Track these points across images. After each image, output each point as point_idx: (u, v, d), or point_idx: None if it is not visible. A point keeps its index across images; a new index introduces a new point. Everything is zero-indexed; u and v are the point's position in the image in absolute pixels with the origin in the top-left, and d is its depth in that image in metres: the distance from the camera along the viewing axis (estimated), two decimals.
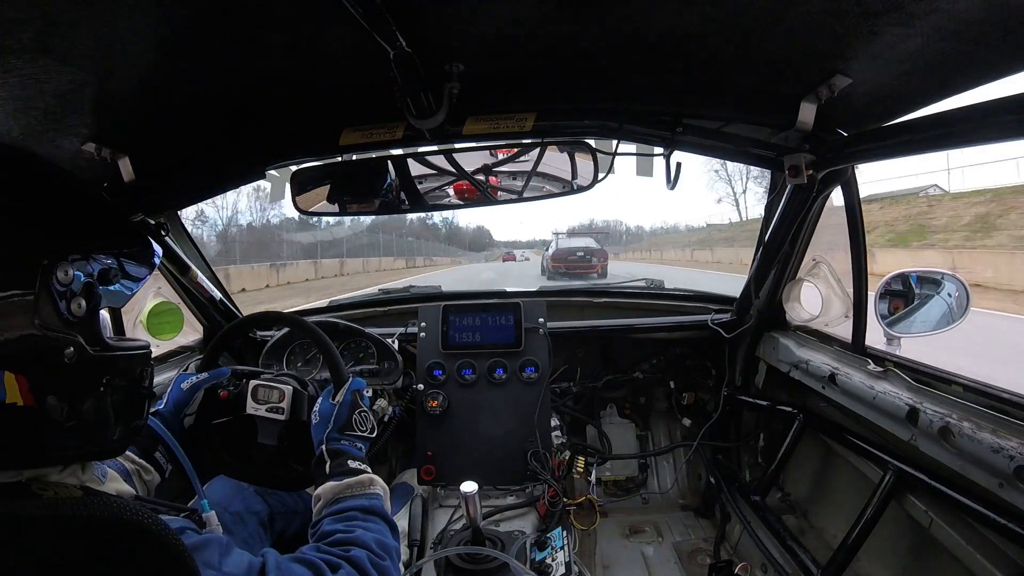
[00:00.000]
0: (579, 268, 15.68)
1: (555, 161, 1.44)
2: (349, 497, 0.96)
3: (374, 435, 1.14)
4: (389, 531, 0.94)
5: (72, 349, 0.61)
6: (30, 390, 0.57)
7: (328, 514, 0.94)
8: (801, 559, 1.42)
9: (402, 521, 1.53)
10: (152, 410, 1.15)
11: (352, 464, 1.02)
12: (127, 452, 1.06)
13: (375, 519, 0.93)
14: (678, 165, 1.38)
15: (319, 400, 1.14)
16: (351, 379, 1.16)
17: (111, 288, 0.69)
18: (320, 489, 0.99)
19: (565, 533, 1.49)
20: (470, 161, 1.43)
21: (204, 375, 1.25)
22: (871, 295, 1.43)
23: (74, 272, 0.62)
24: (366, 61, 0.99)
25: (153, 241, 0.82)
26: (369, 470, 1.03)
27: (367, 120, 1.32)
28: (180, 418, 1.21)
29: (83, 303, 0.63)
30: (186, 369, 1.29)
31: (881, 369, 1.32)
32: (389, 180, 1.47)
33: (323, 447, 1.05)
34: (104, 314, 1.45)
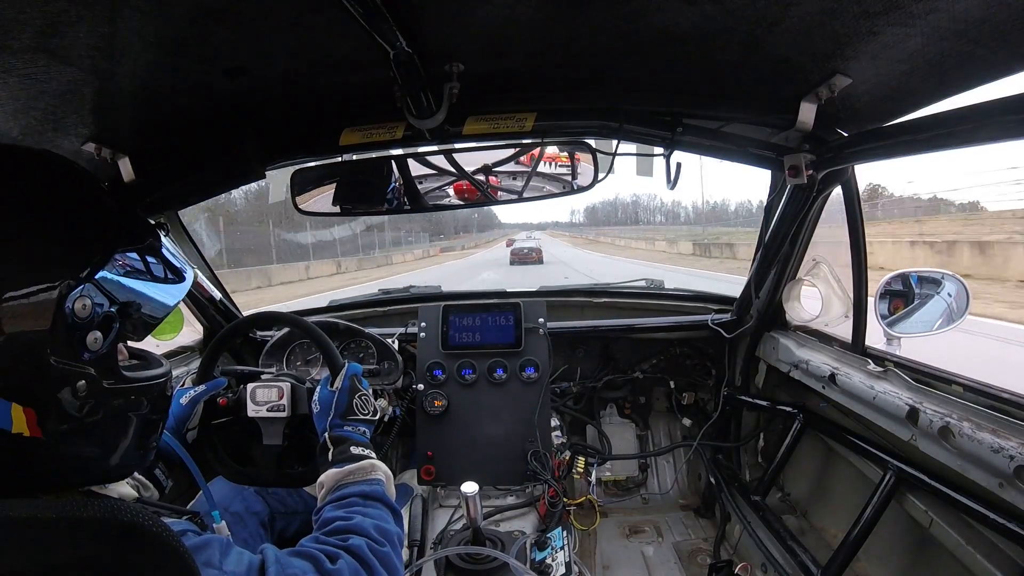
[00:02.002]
0: (526, 258, 27.15)
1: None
2: (351, 484, 0.96)
3: (376, 417, 1.13)
4: (391, 516, 0.93)
5: (84, 383, 0.59)
6: (38, 422, 0.55)
7: (330, 501, 0.93)
8: (801, 559, 1.42)
9: None
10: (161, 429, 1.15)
11: (355, 450, 1.01)
12: None
13: (376, 505, 0.93)
14: (678, 165, 1.38)
15: (318, 389, 1.13)
16: (347, 364, 1.15)
17: (133, 320, 0.66)
18: (323, 476, 0.98)
19: (565, 533, 1.49)
20: (470, 161, 1.43)
21: (201, 387, 1.24)
22: (871, 295, 1.43)
23: (93, 305, 0.59)
24: (366, 61, 1.00)
25: (186, 267, 0.77)
26: (372, 455, 1.02)
27: (367, 120, 1.32)
28: (183, 433, 1.20)
29: (99, 336, 0.61)
30: (182, 384, 1.28)
31: (881, 369, 1.32)
32: (389, 180, 1.47)
33: (326, 435, 1.05)
34: None
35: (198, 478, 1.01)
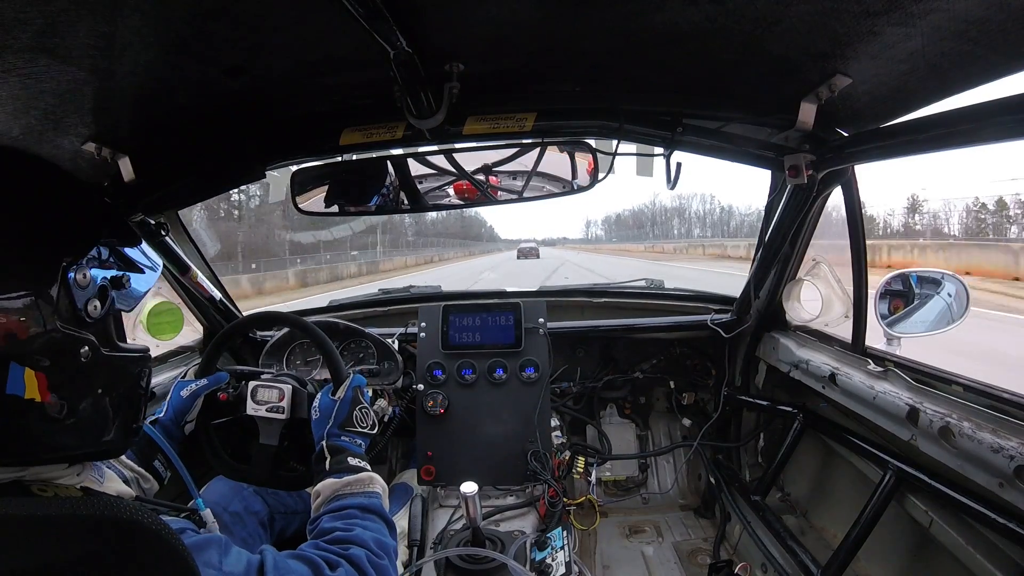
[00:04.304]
0: (528, 254, 39.39)
1: (555, 161, 1.44)
2: (348, 495, 0.96)
3: (375, 431, 1.14)
4: (387, 530, 0.94)
5: (87, 348, 0.63)
6: (48, 387, 0.58)
7: (327, 511, 0.94)
8: (801, 559, 1.42)
9: (402, 521, 1.53)
10: (152, 418, 1.15)
11: (352, 461, 1.02)
12: (126, 460, 1.06)
13: (373, 518, 0.94)
14: (678, 165, 1.38)
15: (319, 396, 1.14)
16: (351, 375, 1.16)
17: (122, 292, 0.71)
18: (320, 485, 0.99)
19: (565, 533, 1.49)
20: (470, 161, 1.43)
21: (203, 381, 1.24)
22: (871, 295, 1.43)
23: (91, 275, 0.64)
24: (366, 61, 0.99)
25: (151, 250, 0.83)
26: (369, 468, 1.03)
27: (367, 120, 1.32)
28: (181, 425, 1.21)
29: (99, 304, 0.65)
30: (184, 376, 1.28)
31: (881, 369, 1.32)
32: (389, 180, 1.47)
33: (323, 443, 1.05)
34: None
35: (181, 471, 1.01)
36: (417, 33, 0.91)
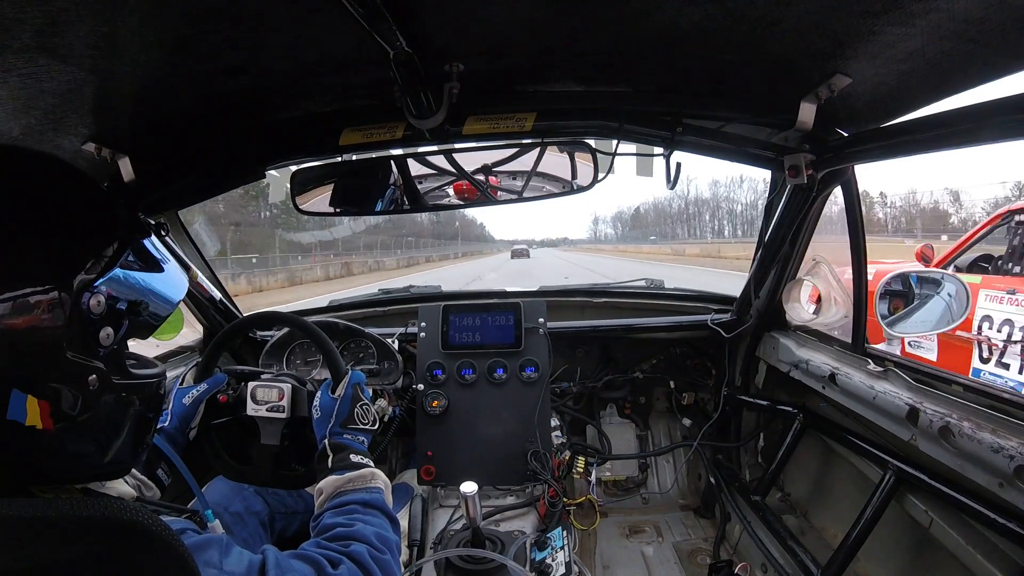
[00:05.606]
0: (520, 255, 45.26)
1: (555, 161, 1.44)
2: (350, 491, 0.96)
3: (376, 428, 1.13)
4: (389, 525, 0.94)
5: (95, 376, 0.61)
6: (51, 415, 0.57)
7: (329, 508, 0.94)
8: (801, 559, 1.42)
9: (402, 521, 1.53)
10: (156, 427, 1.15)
11: (354, 458, 1.02)
12: None
13: (375, 513, 0.94)
14: (678, 165, 1.38)
15: (318, 394, 1.13)
16: (350, 372, 1.16)
17: (140, 319, 0.68)
18: (322, 483, 0.99)
19: (565, 533, 1.49)
20: (470, 161, 1.43)
21: (203, 386, 1.24)
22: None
23: (106, 302, 0.62)
24: (366, 61, 1.00)
25: (180, 269, 0.78)
26: (371, 464, 1.03)
27: (367, 120, 1.32)
28: (185, 432, 1.21)
29: (111, 332, 0.63)
30: (183, 380, 1.28)
31: (881, 369, 1.32)
32: (389, 180, 1.47)
33: (326, 441, 1.05)
34: None
35: (190, 481, 1.01)
36: (417, 33, 0.91)
